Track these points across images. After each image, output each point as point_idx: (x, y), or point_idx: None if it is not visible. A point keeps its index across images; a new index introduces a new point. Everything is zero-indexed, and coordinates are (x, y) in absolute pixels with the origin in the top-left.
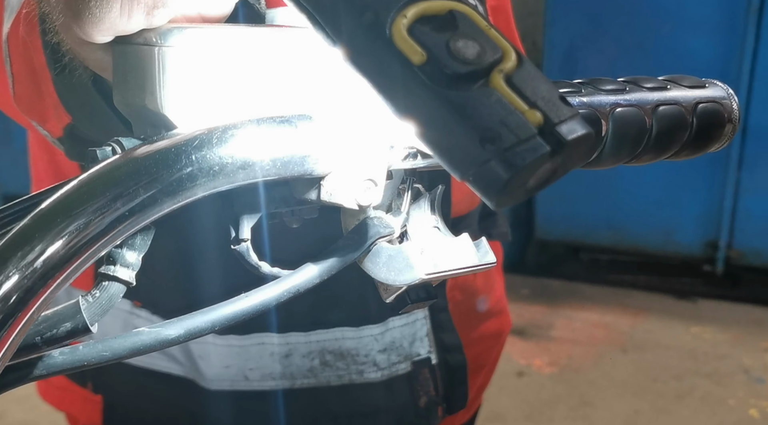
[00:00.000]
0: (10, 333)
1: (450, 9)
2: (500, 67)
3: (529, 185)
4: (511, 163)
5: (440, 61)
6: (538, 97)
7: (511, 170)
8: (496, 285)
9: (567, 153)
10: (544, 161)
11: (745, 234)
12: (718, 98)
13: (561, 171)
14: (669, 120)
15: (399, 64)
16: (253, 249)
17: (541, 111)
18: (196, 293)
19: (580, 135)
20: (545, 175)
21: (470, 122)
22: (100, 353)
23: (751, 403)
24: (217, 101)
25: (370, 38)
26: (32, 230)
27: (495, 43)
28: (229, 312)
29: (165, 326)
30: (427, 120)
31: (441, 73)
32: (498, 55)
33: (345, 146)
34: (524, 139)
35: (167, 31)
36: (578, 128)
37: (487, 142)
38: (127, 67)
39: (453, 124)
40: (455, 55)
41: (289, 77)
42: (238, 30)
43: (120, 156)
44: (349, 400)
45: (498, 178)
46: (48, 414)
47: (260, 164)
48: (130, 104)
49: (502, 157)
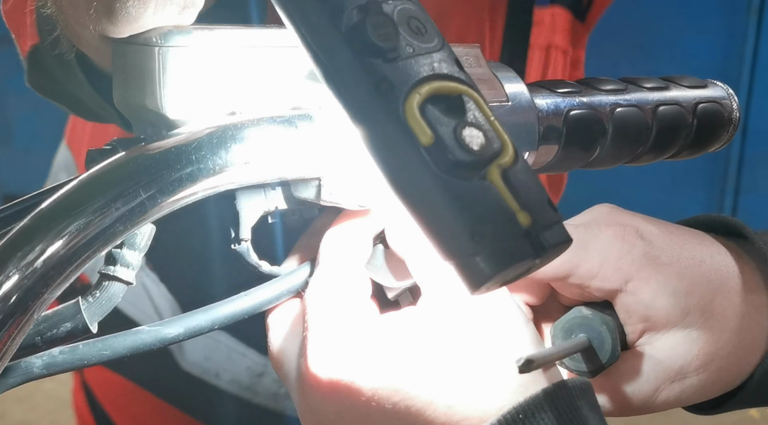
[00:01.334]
0: (10, 333)
1: (460, 93)
2: (498, 160)
3: (507, 279)
4: (497, 262)
5: (446, 147)
6: (530, 197)
7: (496, 269)
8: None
9: (547, 256)
10: (527, 264)
11: None
12: (718, 98)
13: (536, 268)
14: (669, 120)
15: (407, 143)
16: (255, 249)
17: (531, 214)
18: (202, 281)
19: (561, 242)
20: (523, 271)
21: (465, 213)
22: (100, 352)
23: None
24: (217, 101)
25: (384, 110)
26: (32, 230)
27: (496, 135)
28: (229, 311)
29: (165, 325)
30: (424, 201)
31: (445, 158)
32: (498, 147)
33: (345, 146)
34: (511, 239)
35: (168, 31)
36: (560, 236)
37: (478, 235)
38: (127, 67)
39: (448, 211)
40: (461, 143)
41: (289, 77)
42: (238, 30)
43: (120, 156)
44: None
45: (481, 273)
46: (48, 414)
47: (260, 164)
48: (130, 104)
49: (488, 254)
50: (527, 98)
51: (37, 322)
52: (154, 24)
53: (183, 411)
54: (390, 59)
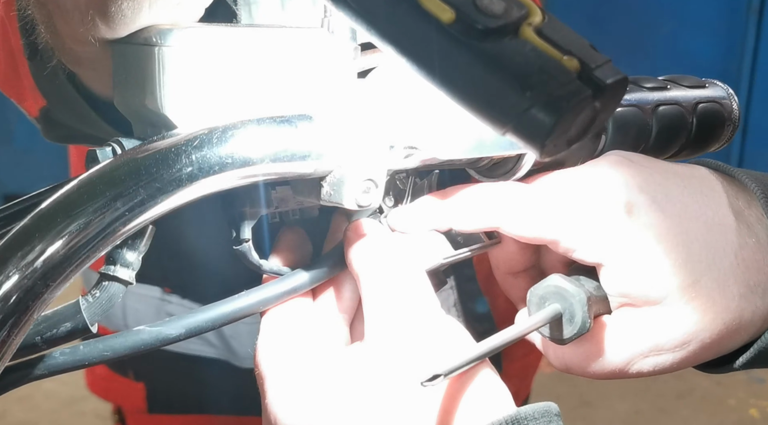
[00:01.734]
0: (10, 333)
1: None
2: (529, 20)
3: (571, 134)
4: (556, 106)
5: (470, 17)
6: (571, 45)
7: (556, 114)
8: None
9: (606, 96)
10: (587, 104)
11: None
12: (718, 98)
13: (600, 118)
14: (669, 120)
15: (429, 25)
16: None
17: (577, 57)
18: (225, 278)
19: (618, 78)
20: (585, 122)
21: (509, 71)
22: (101, 353)
23: (751, 403)
24: (217, 101)
25: (397, 3)
26: (32, 230)
27: (519, 0)
28: (229, 310)
29: (165, 325)
30: (464, 76)
31: (472, 29)
32: (524, 11)
33: (345, 146)
34: (565, 83)
35: (167, 31)
36: (614, 72)
37: (528, 89)
38: (127, 67)
39: (491, 75)
40: (484, 11)
41: (289, 77)
42: (238, 30)
43: (120, 156)
44: None
45: (543, 123)
46: (48, 414)
47: (260, 164)
48: (130, 104)
49: (545, 102)
50: None
51: (37, 322)
52: (150, 22)
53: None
54: None
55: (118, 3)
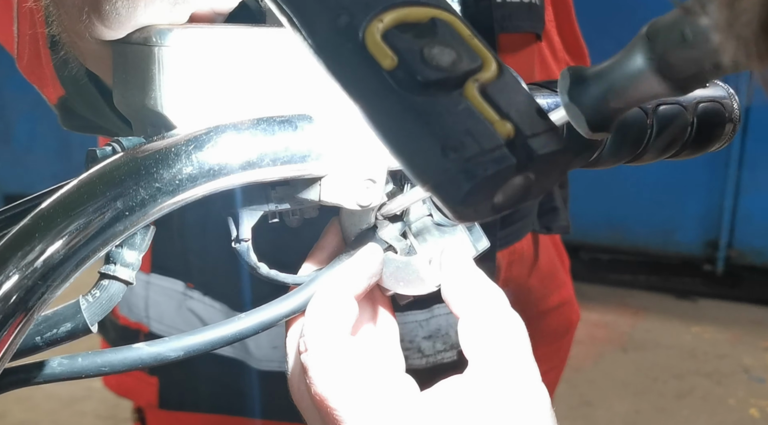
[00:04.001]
0: (10, 334)
1: (432, 17)
2: (477, 76)
3: (497, 201)
4: (472, 173)
5: (411, 67)
6: (512, 108)
7: (471, 181)
8: (556, 281)
9: (538, 168)
10: (510, 174)
11: (745, 234)
12: (718, 97)
13: (536, 189)
14: (669, 119)
15: (368, 68)
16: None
17: (513, 122)
18: (245, 275)
19: (553, 149)
20: (516, 191)
21: (433, 129)
22: (98, 367)
23: (752, 403)
24: (217, 101)
25: (343, 41)
26: (32, 230)
27: (475, 52)
28: (228, 333)
29: (164, 344)
30: (393, 125)
31: (411, 79)
32: (476, 64)
33: (345, 146)
34: (489, 149)
35: (167, 30)
36: (552, 142)
37: (450, 150)
38: (127, 67)
39: (416, 129)
40: (428, 62)
41: (289, 77)
42: (238, 30)
43: (120, 156)
44: None
45: (458, 188)
46: (49, 414)
47: (260, 164)
48: (130, 104)
49: (463, 167)
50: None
51: (37, 322)
52: (146, 22)
53: (268, 418)
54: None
55: (113, 1)
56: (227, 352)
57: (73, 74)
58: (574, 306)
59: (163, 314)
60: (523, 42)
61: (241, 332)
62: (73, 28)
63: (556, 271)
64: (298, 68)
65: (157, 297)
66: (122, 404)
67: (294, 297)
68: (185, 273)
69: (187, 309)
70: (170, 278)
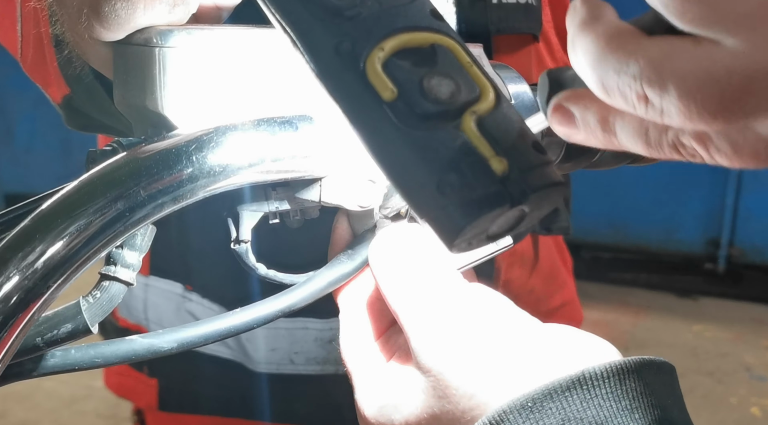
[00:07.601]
0: (10, 334)
1: (433, 43)
2: (474, 107)
3: (492, 231)
4: (468, 210)
5: (410, 100)
6: (508, 142)
7: (468, 218)
8: (557, 281)
9: (532, 202)
10: (504, 210)
11: (746, 232)
12: None
13: (530, 218)
14: None
15: (369, 99)
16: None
17: (508, 158)
18: (244, 278)
19: (548, 184)
20: (510, 222)
21: (431, 165)
22: (92, 359)
23: (753, 401)
24: (218, 102)
25: (345, 69)
26: (33, 231)
27: (473, 81)
28: (222, 327)
29: (158, 337)
30: (391, 158)
31: (410, 112)
32: (474, 94)
33: (345, 147)
34: (485, 186)
35: (168, 31)
36: (546, 178)
37: (446, 186)
38: (127, 68)
39: (413, 164)
40: (427, 94)
41: (290, 78)
42: (238, 30)
43: (120, 156)
44: None
45: (454, 224)
46: (49, 414)
47: (261, 165)
48: (131, 104)
49: (458, 204)
50: (530, 98)
51: (37, 323)
52: (145, 23)
53: (274, 420)
54: (349, 17)
55: (112, 3)
56: (226, 354)
57: (78, 73)
58: (577, 306)
59: (162, 316)
60: (520, 43)
61: (235, 326)
62: (75, 30)
63: (558, 272)
64: (298, 69)
65: (156, 300)
66: (123, 403)
67: (290, 294)
68: (184, 275)
69: (186, 312)
70: (169, 280)
